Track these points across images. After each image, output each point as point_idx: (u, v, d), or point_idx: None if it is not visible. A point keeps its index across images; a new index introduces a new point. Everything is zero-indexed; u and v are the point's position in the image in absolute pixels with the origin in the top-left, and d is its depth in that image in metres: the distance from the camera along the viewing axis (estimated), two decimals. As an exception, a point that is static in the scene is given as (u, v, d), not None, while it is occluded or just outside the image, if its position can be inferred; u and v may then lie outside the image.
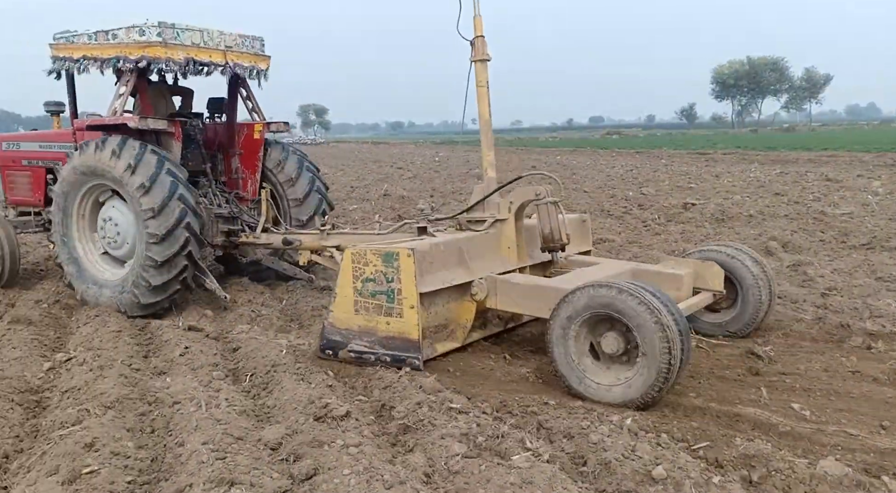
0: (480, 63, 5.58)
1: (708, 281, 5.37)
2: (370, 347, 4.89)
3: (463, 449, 3.46)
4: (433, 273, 4.88)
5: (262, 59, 7.31)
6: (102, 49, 6.62)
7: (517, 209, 5.48)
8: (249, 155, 7.58)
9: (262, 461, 3.36)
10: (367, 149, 60.13)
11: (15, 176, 8.09)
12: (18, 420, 4.03)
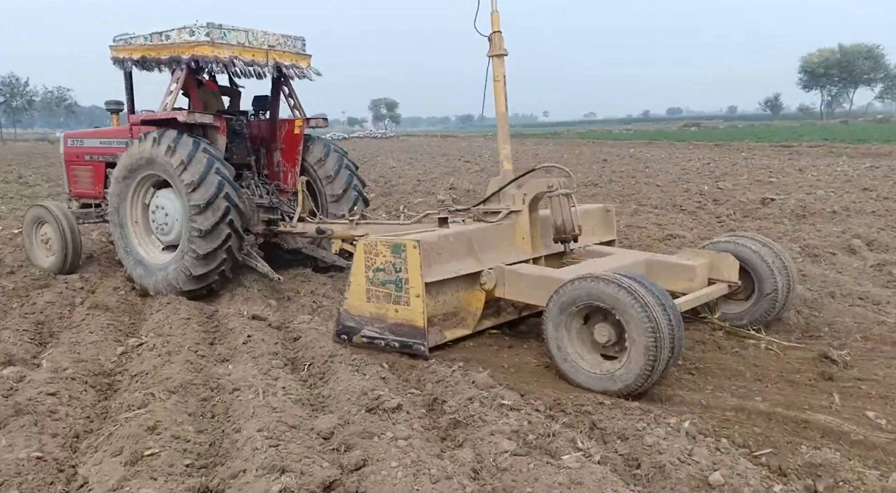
0: (497, 58, 5.68)
1: (723, 272, 5.40)
2: (381, 333, 5.07)
3: (512, 447, 3.42)
4: (441, 263, 5.07)
5: (302, 58, 7.63)
6: (157, 49, 7.07)
7: (531, 201, 5.61)
8: (290, 149, 7.96)
9: (313, 449, 3.42)
10: (436, 142, 60.32)
11: (78, 170, 8.62)
12: (91, 402, 4.23)
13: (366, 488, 3.12)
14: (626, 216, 11.64)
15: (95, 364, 4.79)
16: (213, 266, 6.52)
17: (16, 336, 5.30)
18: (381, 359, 4.88)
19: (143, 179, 7.00)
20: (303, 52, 7.66)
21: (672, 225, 10.73)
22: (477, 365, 4.72)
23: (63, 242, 7.73)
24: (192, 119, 6.78)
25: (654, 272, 5.39)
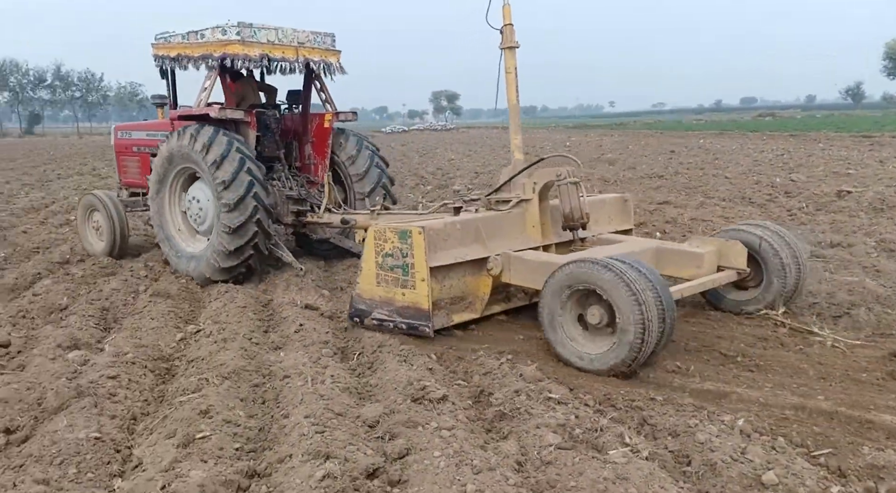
0: (509, 50, 5.82)
1: (731, 259, 5.46)
2: (389, 315, 5.29)
3: (557, 440, 3.37)
4: (447, 249, 5.25)
5: (332, 54, 7.87)
6: (193, 48, 7.42)
7: (541, 189, 5.73)
8: (320, 142, 8.20)
9: (358, 437, 3.44)
10: (497, 134, 59.90)
11: (127, 161, 9.06)
12: (149, 385, 4.38)
13: (408, 476, 3.13)
14: (690, 209, 11.30)
15: (155, 349, 4.95)
16: (239, 260, 6.85)
17: (82, 321, 5.53)
18: (429, 350, 4.88)
19: (180, 171, 7.33)
20: (332, 48, 7.89)
21: (739, 218, 10.34)
22: (525, 358, 4.67)
23: (111, 229, 8.22)
24: (223, 115, 7.12)
25: (662, 259, 5.52)
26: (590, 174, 18.08)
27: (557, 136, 50.39)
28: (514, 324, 5.61)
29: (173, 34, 7.67)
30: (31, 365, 4.51)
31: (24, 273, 7.46)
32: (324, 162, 8.16)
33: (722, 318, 5.55)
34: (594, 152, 28.12)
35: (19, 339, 5.20)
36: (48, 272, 7.68)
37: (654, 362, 4.56)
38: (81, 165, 25.92)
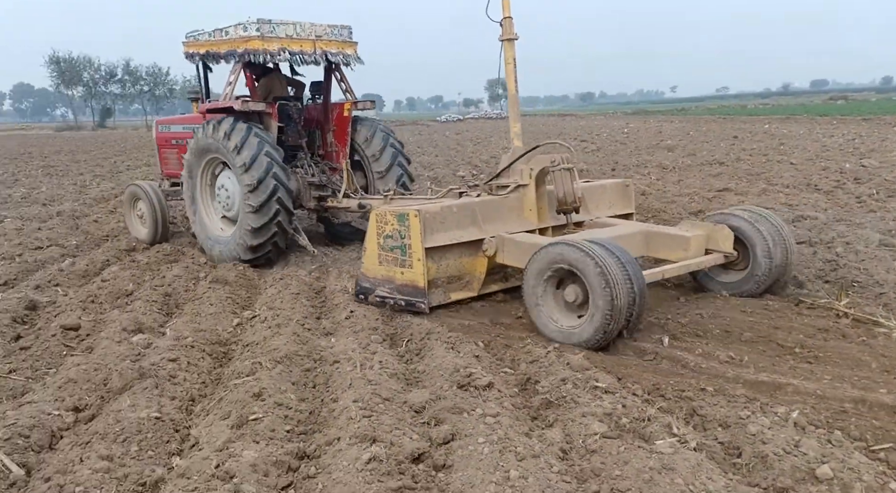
0: (508, 42, 6.05)
1: (719, 243, 5.66)
2: (390, 293, 5.67)
3: (603, 429, 3.34)
4: (443, 231, 5.56)
5: (349, 46, 8.16)
6: (219, 44, 7.82)
7: (537, 175, 5.95)
8: (340, 130, 8.53)
9: (404, 422, 3.50)
10: (553, 121, 59.16)
11: (167, 153, 9.57)
12: (207, 368, 4.54)
13: (452, 461, 3.16)
14: (752, 196, 10.96)
15: (213, 334, 5.12)
16: (266, 238, 7.27)
17: (146, 307, 5.76)
18: (477, 338, 4.90)
19: (209, 160, 7.79)
20: (349, 40, 8.16)
21: (804, 205, 9.98)
22: (573, 347, 4.63)
23: (153, 216, 8.80)
24: (245, 107, 7.53)
25: (652, 242, 5.80)
26: (647, 161, 17.72)
27: (615, 122, 49.45)
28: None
29: (201, 32, 8.08)
30: (99, 347, 4.73)
31: (94, 260, 7.82)
32: (344, 149, 8.46)
33: (780, 308, 5.39)
34: (653, 139, 27.50)
35: (88, 322, 5.45)
36: (116, 259, 8.03)
37: (710, 352, 4.48)
38: (149, 157, 26.84)
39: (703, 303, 5.59)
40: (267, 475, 3.07)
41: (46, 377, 4.39)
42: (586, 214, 6.39)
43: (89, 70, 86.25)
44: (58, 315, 5.64)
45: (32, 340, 5.15)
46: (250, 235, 7.23)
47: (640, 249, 5.79)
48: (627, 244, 5.34)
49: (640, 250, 5.81)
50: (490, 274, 5.81)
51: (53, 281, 6.84)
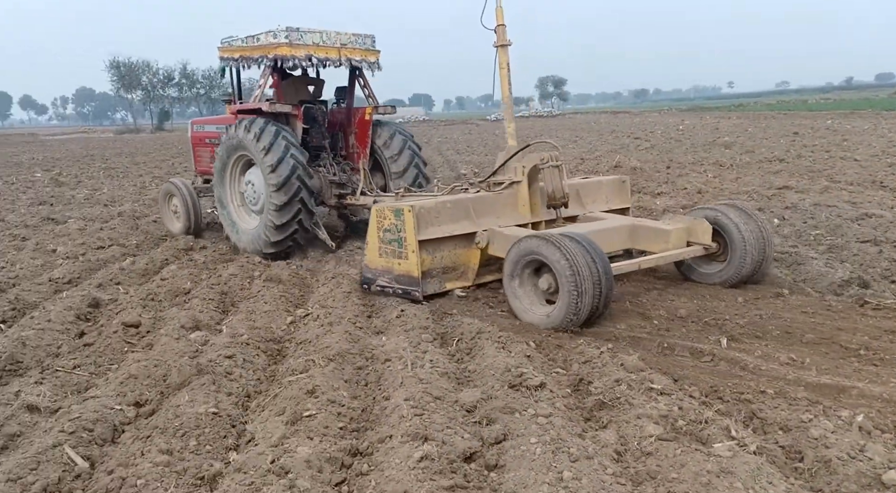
0: (502, 48, 6.43)
1: (698, 236, 5.98)
2: (389, 282, 6.10)
3: (659, 431, 3.28)
4: (437, 225, 5.96)
5: (371, 53, 8.64)
6: (251, 50, 8.32)
7: (529, 172, 6.31)
8: (361, 133, 9.02)
9: (455, 421, 3.49)
10: (605, 119, 58.40)
11: (201, 151, 10.10)
12: (262, 365, 4.62)
13: (504, 461, 3.14)
14: (813, 194, 10.60)
15: (267, 331, 5.22)
16: (286, 234, 7.79)
17: (203, 304, 5.91)
18: (528, 338, 4.86)
19: (238, 158, 8.32)
20: (372, 47, 8.66)
21: (868, 203, 9.61)
22: (627, 348, 4.56)
23: (186, 211, 9.55)
24: (272, 109, 8.06)
25: (636, 236, 6.15)
26: (704, 159, 17.32)
27: (670, 119, 48.49)
28: (614, 311, 5.49)
29: (235, 38, 8.64)
30: (158, 344, 4.87)
31: (154, 259, 8.06)
32: (365, 151, 8.98)
33: (843, 309, 5.20)
34: (709, 136, 26.86)
35: (148, 319, 5.61)
36: (174, 258, 8.25)
37: (770, 354, 4.34)
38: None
39: (763, 304, 5.44)
40: (321, 472, 3.10)
41: (109, 373, 4.53)
42: (581, 209, 6.83)
43: (148, 74, 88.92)
44: (119, 313, 5.82)
45: (95, 336, 5.33)
46: (273, 230, 7.75)
47: (625, 241, 6.18)
48: (613, 237, 5.95)
49: (626, 242, 6.20)
50: (485, 265, 6.16)
51: (115, 280, 7.06)
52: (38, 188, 17.38)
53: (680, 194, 11.38)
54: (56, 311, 5.70)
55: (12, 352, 4.71)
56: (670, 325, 5.11)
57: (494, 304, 5.86)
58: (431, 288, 5.99)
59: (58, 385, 4.29)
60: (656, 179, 13.61)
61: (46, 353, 4.93)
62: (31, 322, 5.43)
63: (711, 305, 5.51)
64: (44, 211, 12.73)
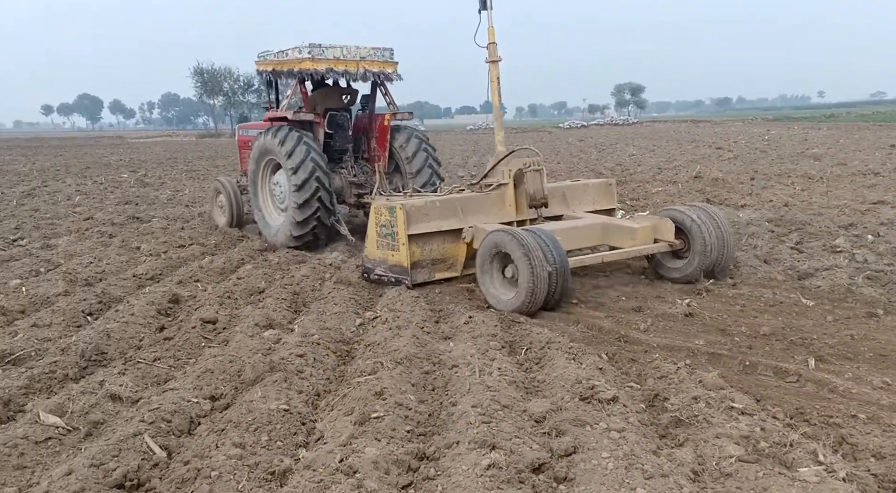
0: (493, 64, 7.19)
1: (663, 233, 6.59)
2: (385, 272, 6.85)
3: (739, 452, 3.12)
4: (426, 222, 6.66)
5: (389, 65, 9.38)
6: (280, 64, 9.24)
7: (515, 175, 6.99)
8: (381, 137, 9.77)
9: (524, 431, 3.42)
10: (685, 128, 56.87)
11: (245, 153, 10.72)
12: (331, 365, 4.67)
13: (574, 474, 3.06)
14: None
15: (337, 332, 5.27)
16: (307, 229, 8.71)
17: (276, 304, 6.03)
18: (601, 349, 4.74)
19: (268, 161, 9.27)
20: (390, 60, 9.39)
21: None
22: (706, 364, 4.39)
23: (230, 206, 10.61)
24: (297, 117, 9.01)
25: (607, 233, 6.77)
26: (791, 171, 16.59)
27: (755, 129, 46.81)
28: (692, 326, 5.30)
29: (269, 52, 9.54)
30: (234, 341, 4.99)
31: (231, 259, 8.31)
32: (384, 153, 9.74)
33: (945, 332, 4.84)
34: (798, 147, 25.76)
35: (224, 317, 5.77)
36: (250, 259, 8.49)
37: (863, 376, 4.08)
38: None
39: (854, 323, 5.14)
40: (388, 473, 3.09)
41: (186, 367, 4.67)
42: (567, 209, 7.54)
43: (229, 80, 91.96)
44: (197, 309, 6.01)
45: (175, 331, 5.51)
46: (295, 226, 8.69)
47: (598, 238, 6.83)
48: (585, 234, 6.69)
49: (599, 239, 6.84)
50: (473, 258, 6.52)
51: (194, 277, 7.31)
52: (125, 188, 18.25)
53: (765, 207, 10.92)
54: (139, 305, 5.93)
55: (98, 343, 4.91)
56: (753, 342, 4.89)
57: (564, 315, 5.74)
58: (421, 277, 6.75)
59: (139, 376, 4.44)
60: (739, 191, 13.13)
61: (129, 345, 5.13)
62: (116, 315, 5.66)
63: (798, 323, 5.24)
64: (129, 210, 13.34)
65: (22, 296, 6.40)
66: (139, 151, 43.24)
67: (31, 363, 4.59)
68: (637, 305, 5.83)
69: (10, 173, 24.21)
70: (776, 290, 6.27)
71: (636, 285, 6.55)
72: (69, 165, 28.57)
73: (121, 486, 3.10)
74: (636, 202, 12.43)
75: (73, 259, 8.38)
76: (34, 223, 11.74)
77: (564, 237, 6.12)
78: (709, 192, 13.16)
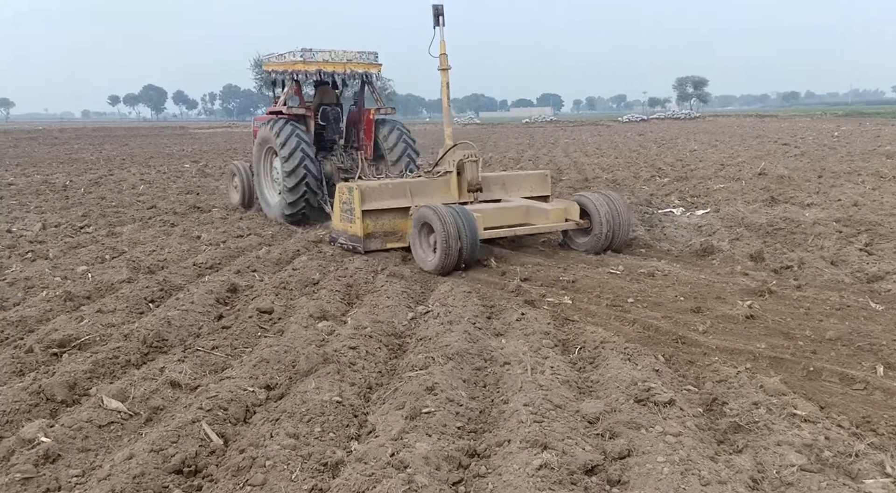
0: (443, 72, 8.78)
1: (571, 214, 8.07)
2: (346, 241, 8.40)
3: (802, 461, 3.02)
4: (379, 200, 8.07)
5: (374, 66, 10.91)
6: (279, 65, 10.92)
7: (457, 164, 8.48)
8: (368, 129, 11.28)
9: (577, 431, 3.38)
10: (750, 123, 55.13)
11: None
12: (383, 359, 4.70)
13: (628, 478, 3.00)
14: None
15: (389, 326, 5.30)
16: (297, 209, 10.26)
17: (330, 295, 6.10)
18: (657, 350, 4.64)
19: (268, 150, 10.84)
20: (374, 62, 10.88)
21: None
22: (768, 369, 4.25)
23: (242, 187, 12.22)
24: (290, 111, 10.65)
25: (529, 214, 8.22)
26: (861, 168, 15.89)
27: (824, 125, 45.07)
28: (753, 329, 5.13)
29: (273, 55, 11.17)
30: (289, 331, 5.08)
31: (287, 249, 8.45)
32: (370, 143, 11.24)
33: None
34: (869, 144, 24.68)
35: (280, 307, 5.87)
36: (305, 250, 8.62)
37: None
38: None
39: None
40: (439, 469, 3.09)
41: (243, 356, 4.76)
42: (505, 194, 8.99)
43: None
44: (254, 299, 6.12)
45: (232, 320, 5.63)
46: (287, 205, 10.25)
47: (522, 218, 8.20)
48: (510, 213, 8.10)
49: (523, 218, 8.19)
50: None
51: (251, 267, 7.46)
52: (187, 178, 18.76)
53: (833, 206, 10.49)
54: (199, 294, 6.09)
55: (159, 330, 5.06)
56: (817, 347, 4.70)
57: (620, 314, 5.64)
58: (373, 246, 8.18)
59: (198, 364, 4.56)
60: (806, 189, 12.66)
61: (189, 333, 5.26)
62: (177, 303, 5.82)
63: (865, 328, 5.01)
64: (191, 199, 13.72)
65: (88, 282, 6.64)
66: (201, 141, 44.39)
67: (95, 348, 4.76)
68: (696, 305, 5.68)
69: (79, 162, 25.23)
70: (843, 293, 6.02)
71: (696, 286, 6.38)
72: (134, 155, 29.58)
73: (179, 472, 3.18)
74: (696, 199, 12.12)
75: (136, 247, 8.66)
76: (100, 211, 12.19)
77: (493, 215, 7.84)
78: (773, 189, 12.73)
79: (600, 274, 6.96)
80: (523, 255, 8.10)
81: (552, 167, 19.55)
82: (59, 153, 30.82)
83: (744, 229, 8.93)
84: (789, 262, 7.07)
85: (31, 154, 30.16)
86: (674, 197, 12.50)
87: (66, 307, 5.85)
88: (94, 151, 32.87)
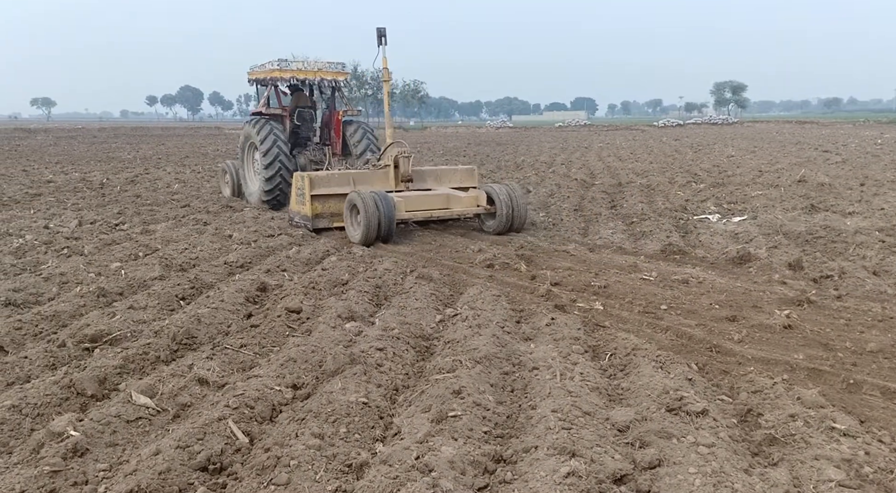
0: (386, 82, 10.73)
1: (481, 201, 9.82)
2: (299, 220, 10.21)
3: (840, 476, 2.91)
4: (325, 187, 9.91)
5: (341, 74, 12.95)
6: (261, 73, 12.80)
7: (394, 158, 10.22)
8: (336, 128, 13.20)
9: (606, 439, 3.30)
10: (790, 129, 54.06)
11: None
12: (410, 360, 4.66)
13: (658, 488, 2.93)
14: None
15: (417, 328, 5.26)
16: (272, 196, 12.26)
17: (359, 296, 6.09)
18: (690, 359, 4.53)
19: (250, 145, 12.82)
20: (342, 70, 12.96)
21: None
22: (806, 380, 4.11)
23: (233, 182, 14.05)
24: (268, 112, 12.65)
25: (449, 201, 9.82)
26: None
27: (867, 132, 43.96)
28: (791, 339, 4.98)
29: (256, 65, 12.99)
30: (316, 331, 5.07)
31: (316, 250, 8.48)
32: (339, 141, 13.12)
33: None
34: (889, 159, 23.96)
35: (308, 307, 5.87)
36: (335, 250, 8.65)
37: None
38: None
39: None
40: (464, 474, 3.04)
41: (271, 354, 4.77)
42: (437, 184, 10.66)
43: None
44: (283, 298, 6.14)
45: (261, 319, 5.65)
46: (264, 192, 12.29)
47: (444, 204, 9.80)
48: (434, 199, 9.74)
49: (445, 204, 9.80)
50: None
51: (281, 266, 7.49)
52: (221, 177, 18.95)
53: (875, 215, 10.20)
54: (229, 292, 6.13)
55: (188, 327, 5.10)
56: (858, 359, 4.54)
57: (652, 321, 5.53)
58: (321, 224, 10.03)
59: (226, 362, 4.57)
60: (848, 198, 12.33)
61: (218, 331, 5.30)
62: (207, 301, 5.87)
63: (908, 340, 4.84)
64: (223, 199, 13.89)
65: (121, 278, 6.74)
66: (235, 141, 44.93)
67: (126, 344, 4.81)
68: (731, 314, 5.54)
69: (116, 160, 25.73)
70: (885, 304, 5.83)
71: (732, 294, 6.23)
72: (170, 154, 30.09)
73: (204, 469, 3.19)
74: (733, 206, 11.89)
75: (169, 245, 8.77)
76: (135, 209, 12.41)
77: (415, 201, 9.53)
78: (813, 197, 12.43)
79: (633, 280, 6.84)
80: (554, 259, 8.01)
81: (585, 171, 19.38)
82: (97, 152, 31.50)
83: (782, 237, 8.72)
84: (829, 271, 6.88)
85: (71, 152, 30.86)
86: (710, 203, 12.28)
87: (99, 303, 5.93)
88: (131, 149, 33.51)
